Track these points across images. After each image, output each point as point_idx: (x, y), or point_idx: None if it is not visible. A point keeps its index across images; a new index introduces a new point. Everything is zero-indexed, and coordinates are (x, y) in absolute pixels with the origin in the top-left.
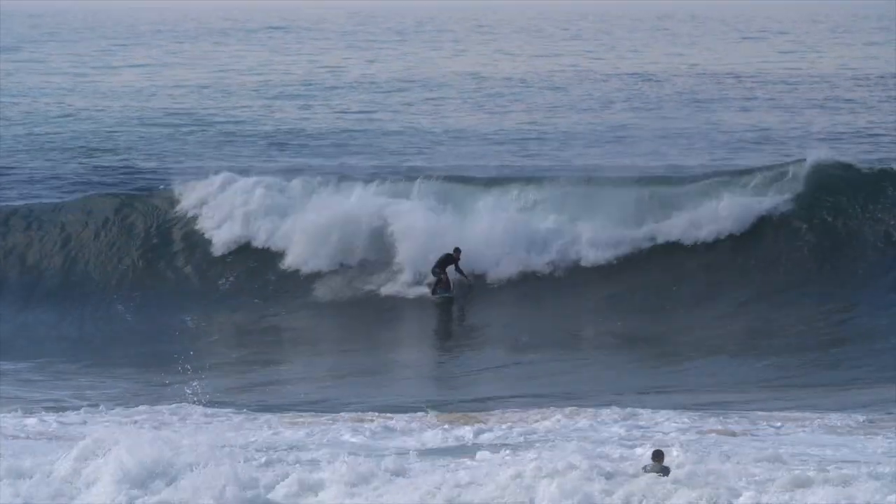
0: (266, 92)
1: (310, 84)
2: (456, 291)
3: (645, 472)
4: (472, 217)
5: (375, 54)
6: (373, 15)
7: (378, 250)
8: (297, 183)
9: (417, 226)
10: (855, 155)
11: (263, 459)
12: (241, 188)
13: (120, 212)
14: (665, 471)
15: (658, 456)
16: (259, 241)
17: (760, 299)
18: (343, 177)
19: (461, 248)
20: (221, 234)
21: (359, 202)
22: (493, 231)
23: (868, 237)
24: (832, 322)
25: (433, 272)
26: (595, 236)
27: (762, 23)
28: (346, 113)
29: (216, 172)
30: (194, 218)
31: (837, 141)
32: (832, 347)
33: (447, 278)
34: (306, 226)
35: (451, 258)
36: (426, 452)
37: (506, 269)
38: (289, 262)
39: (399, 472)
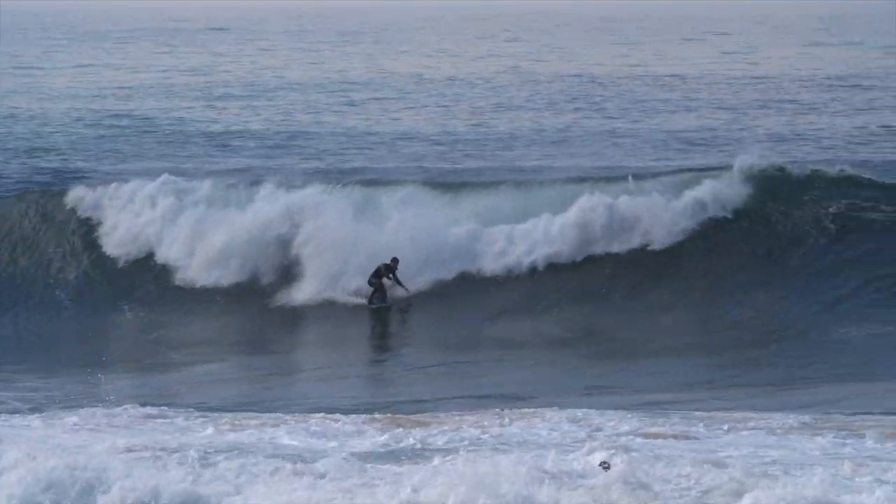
0: (210, 93)
1: (253, 85)
2: (392, 301)
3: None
4: (394, 221)
5: (319, 56)
6: (316, 16)
7: (295, 258)
8: (207, 186)
9: (332, 231)
10: (798, 156)
11: (197, 465)
12: (150, 193)
13: (35, 212)
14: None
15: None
16: (170, 251)
17: (699, 299)
18: (256, 180)
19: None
20: (130, 239)
21: (269, 209)
22: (416, 236)
23: (803, 237)
24: (771, 321)
25: (370, 282)
26: (528, 238)
27: (706, 24)
28: (289, 114)
29: (126, 179)
30: (101, 223)
31: (782, 142)
32: (772, 347)
33: (384, 288)
34: (216, 239)
35: (389, 268)
36: (364, 457)
37: (435, 274)
38: (202, 274)
39: (327, 480)
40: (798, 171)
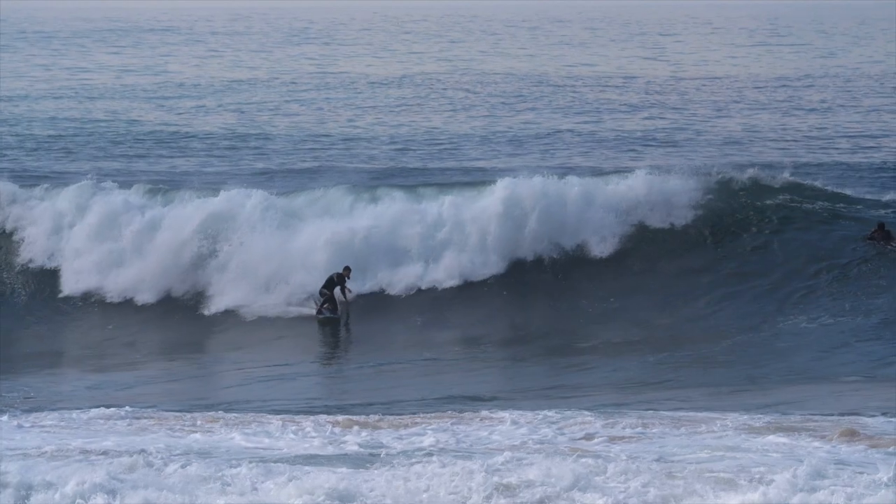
0: (160, 93)
1: (205, 85)
2: (342, 312)
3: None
4: (342, 224)
5: (267, 56)
6: (257, 16)
7: (228, 268)
8: (135, 190)
9: (256, 240)
10: (747, 157)
11: (153, 467)
12: (71, 196)
13: None
14: None
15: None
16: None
17: (648, 297)
18: (182, 185)
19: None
20: (58, 242)
21: (195, 216)
22: (355, 242)
23: (746, 234)
24: (722, 317)
25: (321, 293)
26: (481, 244)
27: (656, 26)
28: (242, 114)
29: (36, 183)
30: (25, 225)
31: (731, 143)
32: (724, 343)
33: (335, 299)
34: (146, 246)
35: (341, 277)
36: (313, 460)
37: (376, 280)
38: (129, 281)
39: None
40: (742, 173)
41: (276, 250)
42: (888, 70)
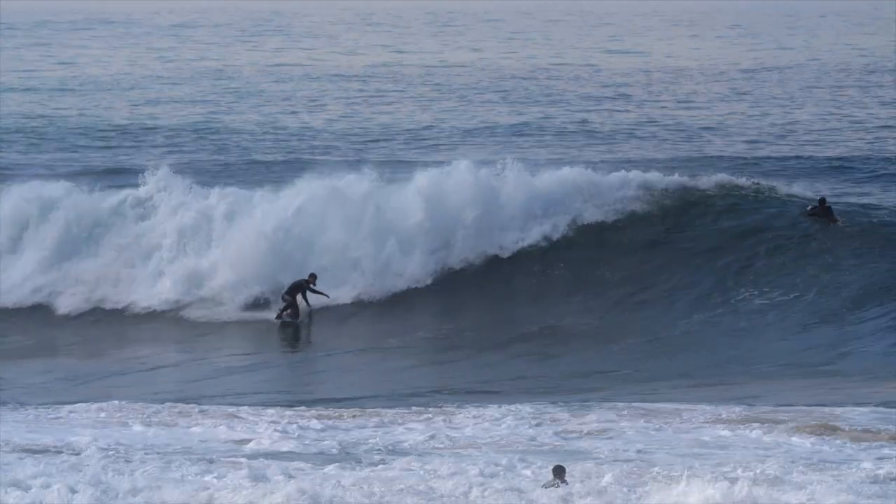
0: (124, 84)
1: (164, 78)
2: (303, 319)
3: (544, 488)
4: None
5: (230, 48)
6: (218, 9)
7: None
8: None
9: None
10: (706, 150)
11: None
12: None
13: None
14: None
15: (559, 472)
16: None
17: (602, 287)
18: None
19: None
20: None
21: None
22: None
23: (691, 221)
24: (674, 301)
25: (283, 297)
26: (435, 242)
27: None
28: (205, 105)
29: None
30: None
31: (697, 137)
32: (680, 324)
33: (297, 305)
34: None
35: (307, 283)
36: (289, 457)
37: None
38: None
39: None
40: (694, 163)
41: (199, 249)
42: (853, 63)
